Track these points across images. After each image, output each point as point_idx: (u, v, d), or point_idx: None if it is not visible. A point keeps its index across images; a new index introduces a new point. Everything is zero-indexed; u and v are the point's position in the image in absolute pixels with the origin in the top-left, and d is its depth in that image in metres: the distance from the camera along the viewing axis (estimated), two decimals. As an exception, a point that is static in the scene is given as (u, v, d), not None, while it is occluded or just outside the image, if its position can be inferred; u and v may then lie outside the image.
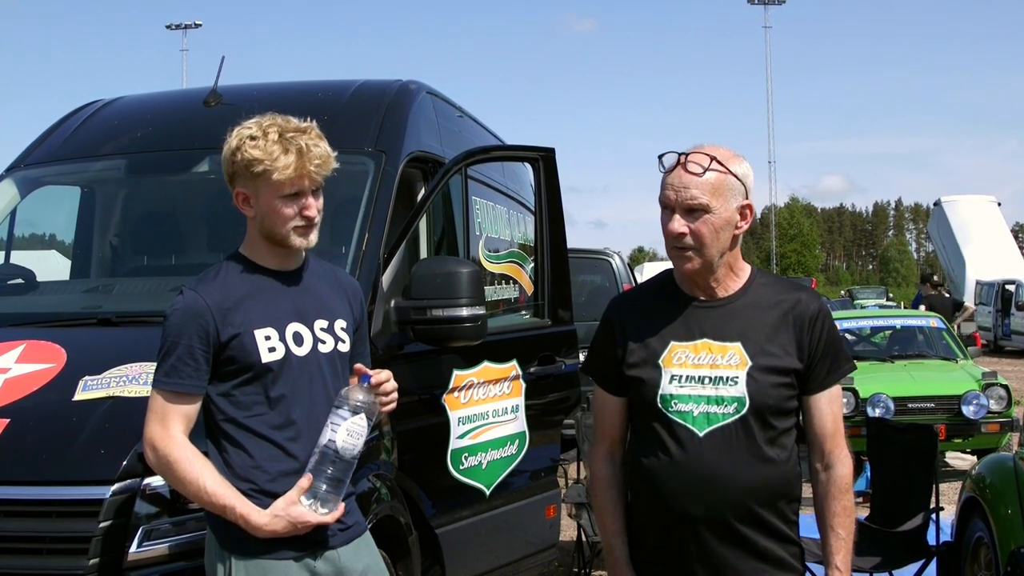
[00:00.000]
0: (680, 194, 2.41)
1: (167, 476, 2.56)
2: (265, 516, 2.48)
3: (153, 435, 2.51)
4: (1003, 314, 26.81)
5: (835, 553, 2.52)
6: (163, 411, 2.51)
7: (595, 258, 10.49)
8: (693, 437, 2.41)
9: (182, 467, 2.48)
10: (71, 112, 5.11)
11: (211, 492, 2.47)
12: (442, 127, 4.92)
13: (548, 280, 4.83)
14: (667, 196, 2.43)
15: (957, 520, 5.25)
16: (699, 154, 2.42)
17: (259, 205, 2.56)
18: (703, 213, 2.40)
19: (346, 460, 2.52)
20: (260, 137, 2.51)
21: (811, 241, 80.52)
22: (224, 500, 2.47)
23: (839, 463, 2.53)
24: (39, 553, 2.90)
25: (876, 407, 9.38)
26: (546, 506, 4.92)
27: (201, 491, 2.48)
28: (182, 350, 2.50)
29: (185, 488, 2.51)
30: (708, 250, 2.42)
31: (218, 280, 2.59)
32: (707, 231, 2.41)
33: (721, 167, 2.41)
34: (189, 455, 2.50)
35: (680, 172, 2.41)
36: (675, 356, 2.46)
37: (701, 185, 2.39)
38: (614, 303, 2.65)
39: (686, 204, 2.40)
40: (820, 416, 2.51)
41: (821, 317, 2.49)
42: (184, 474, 2.48)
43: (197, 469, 2.48)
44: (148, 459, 2.56)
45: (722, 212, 2.41)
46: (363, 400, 2.54)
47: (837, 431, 2.53)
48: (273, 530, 2.48)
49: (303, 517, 2.49)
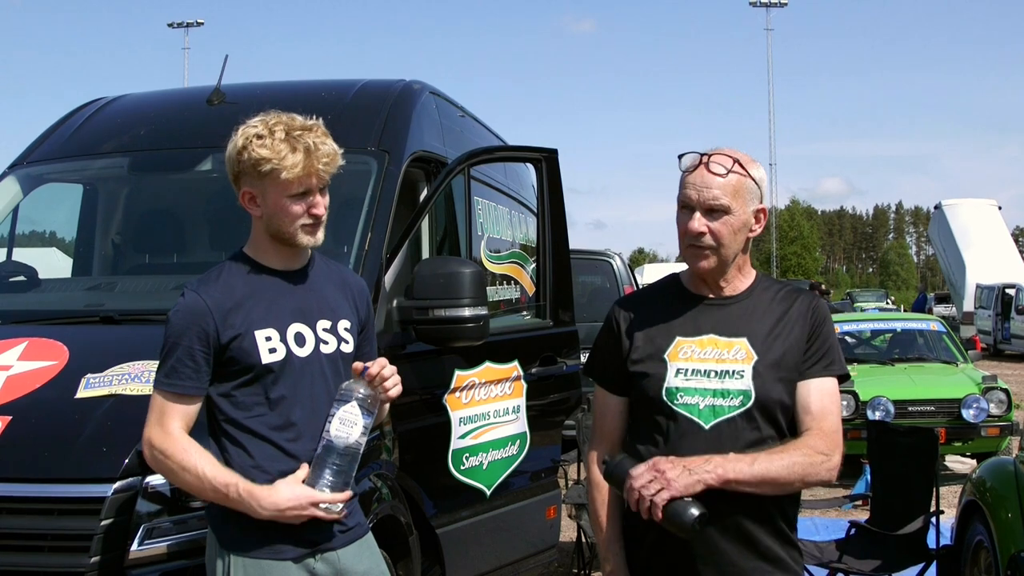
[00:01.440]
0: (702, 194, 2.42)
1: (165, 470, 2.54)
2: (268, 489, 2.46)
3: (151, 434, 2.51)
4: (1003, 318, 26.80)
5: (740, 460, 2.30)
6: (162, 411, 2.51)
7: (596, 259, 10.51)
8: (699, 430, 2.41)
9: (179, 457, 2.47)
10: (74, 110, 5.11)
11: (211, 476, 2.46)
12: (445, 127, 4.92)
13: (550, 281, 4.83)
14: (688, 195, 2.44)
15: (957, 524, 5.25)
16: (721, 155, 2.44)
17: (266, 204, 2.55)
18: (723, 214, 2.42)
19: (341, 450, 2.51)
20: (267, 136, 2.50)
21: (811, 244, 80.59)
22: (225, 479, 2.46)
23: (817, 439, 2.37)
24: (41, 551, 2.91)
25: (876, 410, 9.39)
26: (546, 507, 4.92)
27: (201, 477, 2.46)
28: (182, 351, 2.49)
29: (184, 477, 2.49)
30: (725, 250, 2.44)
31: (220, 281, 2.58)
32: (726, 232, 2.43)
33: (742, 170, 2.43)
34: (186, 446, 2.49)
35: (703, 172, 2.43)
36: (681, 351, 2.47)
37: (723, 186, 2.41)
38: (618, 304, 2.66)
39: (707, 204, 2.42)
40: (804, 398, 2.43)
41: (823, 319, 2.52)
42: (182, 462, 2.47)
43: (195, 457, 2.47)
44: (146, 457, 2.55)
45: (740, 214, 2.44)
46: (362, 392, 2.54)
47: (823, 414, 2.42)
48: (275, 504, 2.45)
49: (308, 493, 2.47)
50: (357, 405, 2.53)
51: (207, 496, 2.51)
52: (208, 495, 2.50)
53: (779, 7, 61.97)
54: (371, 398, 2.56)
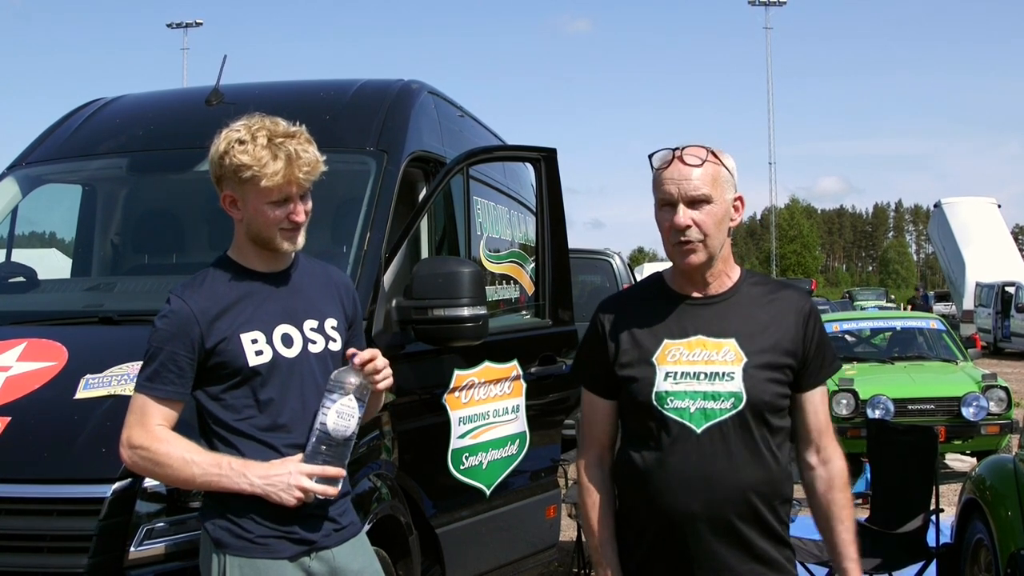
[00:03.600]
0: (682, 186, 2.41)
1: (149, 464, 2.50)
2: (261, 462, 2.46)
3: (130, 434, 2.50)
4: (1003, 316, 26.81)
5: (849, 544, 2.51)
6: (143, 411, 2.50)
7: (595, 258, 10.48)
8: (690, 434, 2.40)
9: (163, 448, 2.46)
10: (73, 110, 5.11)
11: (199, 459, 2.45)
12: (444, 127, 4.92)
13: (549, 280, 4.83)
14: (668, 191, 2.42)
15: (957, 522, 5.26)
16: (693, 147, 2.44)
17: (246, 209, 2.55)
18: (705, 204, 2.41)
19: (339, 441, 2.51)
20: (248, 141, 2.49)
21: (811, 242, 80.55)
22: (216, 457, 2.46)
23: (836, 456, 2.54)
24: (39, 551, 2.91)
25: (876, 408, 9.39)
26: (546, 506, 4.92)
27: (189, 462, 2.45)
28: (166, 356, 2.49)
29: (169, 468, 2.47)
30: (712, 241, 2.43)
31: (205, 286, 2.58)
32: (711, 222, 2.42)
33: (716, 159, 2.44)
34: (168, 438, 2.48)
35: (679, 165, 2.42)
36: (669, 353, 2.45)
37: (702, 176, 2.41)
38: (602, 306, 2.63)
39: (689, 196, 2.40)
40: (814, 411, 2.52)
41: (812, 314, 2.52)
42: (167, 452, 2.46)
43: (178, 446, 2.47)
44: (125, 459, 2.53)
45: (721, 203, 2.43)
46: (352, 381, 2.54)
47: (829, 425, 2.56)
48: (266, 471, 2.44)
49: (303, 468, 2.46)
50: (353, 397, 2.53)
51: (194, 482, 2.49)
52: (197, 480, 2.48)
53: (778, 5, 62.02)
54: (363, 387, 2.56)
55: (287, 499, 2.46)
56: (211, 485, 2.48)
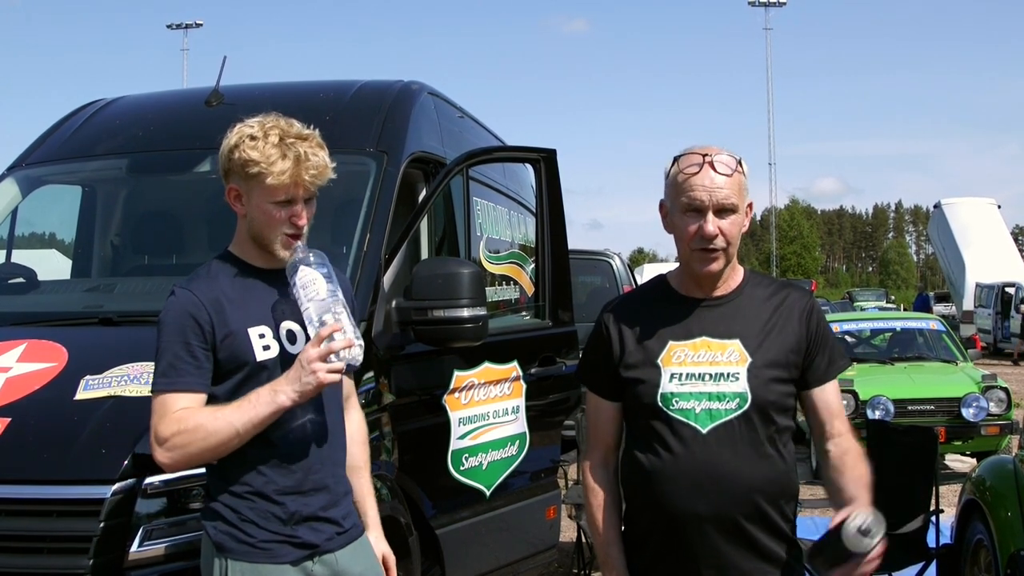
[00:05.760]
0: (714, 195, 2.39)
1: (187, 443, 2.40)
2: (284, 376, 2.41)
3: (157, 432, 2.42)
4: (1003, 317, 26.81)
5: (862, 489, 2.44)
6: (163, 408, 2.43)
7: (595, 259, 10.47)
8: (696, 434, 2.40)
9: (191, 421, 2.39)
10: (72, 112, 5.11)
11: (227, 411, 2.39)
12: (443, 128, 4.92)
13: (549, 281, 4.83)
14: (698, 198, 2.40)
15: (957, 522, 5.26)
16: (723, 155, 2.43)
17: (250, 205, 2.54)
18: (731, 213, 2.41)
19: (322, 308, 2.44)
20: (260, 138, 2.49)
21: (811, 243, 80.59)
22: (240, 401, 2.40)
23: (851, 436, 2.52)
24: (40, 552, 2.91)
25: (876, 409, 9.39)
26: (546, 507, 4.92)
27: (222, 419, 2.38)
28: (180, 348, 2.44)
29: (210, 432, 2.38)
30: (732, 249, 2.44)
31: (209, 278, 2.56)
32: (735, 231, 2.43)
33: (741, 168, 2.44)
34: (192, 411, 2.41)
35: (710, 172, 2.40)
36: (674, 355, 2.45)
37: (731, 185, 2.41)
38: (606, 309, 2.63)
39: (720, 204, 2.39)
40: (825, 400, 2.52)
41: (815, 312, 2.52)
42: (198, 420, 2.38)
43: (205, 410, 2.42)
44: (161, 459, 2.44)
45: (742, 212, 2.45)
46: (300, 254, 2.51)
47: (843, 412, 2.55)
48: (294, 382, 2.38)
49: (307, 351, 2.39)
50: (304, 266, 2.49)
51: (238, 434, 2.40)
52: (239, 429, 2.39)
53: (778, 6, 62.04)
54: (314, 253, 2.53)
55: (324, 379, 2.39)
56: (254, 424, 2.40)
